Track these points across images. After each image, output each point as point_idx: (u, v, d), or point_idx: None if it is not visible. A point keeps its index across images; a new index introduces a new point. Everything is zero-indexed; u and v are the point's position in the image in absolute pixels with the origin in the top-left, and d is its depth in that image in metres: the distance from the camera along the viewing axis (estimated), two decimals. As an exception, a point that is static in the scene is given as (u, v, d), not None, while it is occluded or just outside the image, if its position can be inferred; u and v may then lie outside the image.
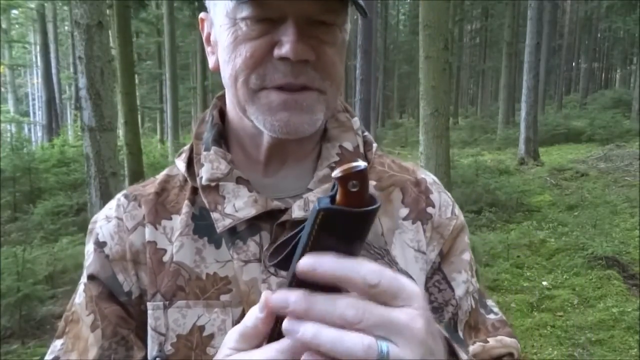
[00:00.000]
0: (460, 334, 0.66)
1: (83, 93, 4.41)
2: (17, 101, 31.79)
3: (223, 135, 0.68)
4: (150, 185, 0.69)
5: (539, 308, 4.24)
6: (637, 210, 6.54)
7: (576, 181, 8.86)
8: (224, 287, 0.60)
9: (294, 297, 0.36)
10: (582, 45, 32.52)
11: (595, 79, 35.11)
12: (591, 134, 13.17)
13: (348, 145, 0.67)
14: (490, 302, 0.71)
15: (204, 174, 0.63)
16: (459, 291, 0.67)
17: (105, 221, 0.67)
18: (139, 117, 12.78)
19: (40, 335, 3.96)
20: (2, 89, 29.97)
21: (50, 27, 23.81)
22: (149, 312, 0.61)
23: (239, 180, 0.63)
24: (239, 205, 0.61)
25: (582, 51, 31.98)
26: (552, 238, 5.84)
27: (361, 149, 0.69)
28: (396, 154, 15.12)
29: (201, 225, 0.63)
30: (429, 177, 0.72)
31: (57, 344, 0.64)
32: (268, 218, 0.61)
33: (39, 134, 25.45)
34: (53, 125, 21.74)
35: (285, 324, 0.36)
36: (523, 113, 10.97)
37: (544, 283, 4.69)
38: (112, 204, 0.68)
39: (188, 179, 0.66)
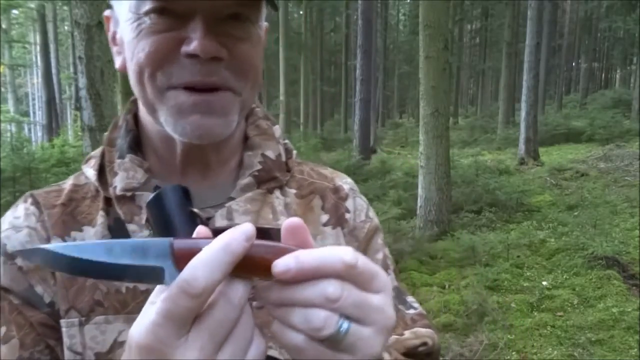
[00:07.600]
0: None
1: (83, 93, 4.41)
2: (17, 101, 31.81)
3: (138, 142, 0.64)
4: (55, 195, 0.64)
5: (539, 308, 4.24)
6: (637, 210, 6.54)
7: (576, 181, 8.85)
8: (145, 300, 0.55)
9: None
10: (582, 45, 32.50)
11: (595, 79, 35.09)
12: (591, 134, 13.18)
13: (270, 154, 0.66)
14: (410, 299, 0.72)
15: (119, 183, 0.60)
16: None
17: (13, 231, 0.61)
18: (139, 117, 12.71)
19: (40, 335, 3.96)
20: (2, 89, 29.96)
21: (50, 27, 23.83)
22: (63, 330, 0.56)
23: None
24: None
25: (582, 51, 31.96)
26: (552, 238, 5.84)
27: (283, 158, 0.68)
28: (396, 153, 15.12)
29: (117, 237, 0.58)
30: (346, 184, 0.73)
31: None
32: None
33: (39, 134, 25.48)
34: (53, 125, 21.77)
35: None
36: (523, 113, 10.97)
37: (544, 283, 4.69)
38: (18, 212, 0.62)
39: (100, 188, 0.62)
